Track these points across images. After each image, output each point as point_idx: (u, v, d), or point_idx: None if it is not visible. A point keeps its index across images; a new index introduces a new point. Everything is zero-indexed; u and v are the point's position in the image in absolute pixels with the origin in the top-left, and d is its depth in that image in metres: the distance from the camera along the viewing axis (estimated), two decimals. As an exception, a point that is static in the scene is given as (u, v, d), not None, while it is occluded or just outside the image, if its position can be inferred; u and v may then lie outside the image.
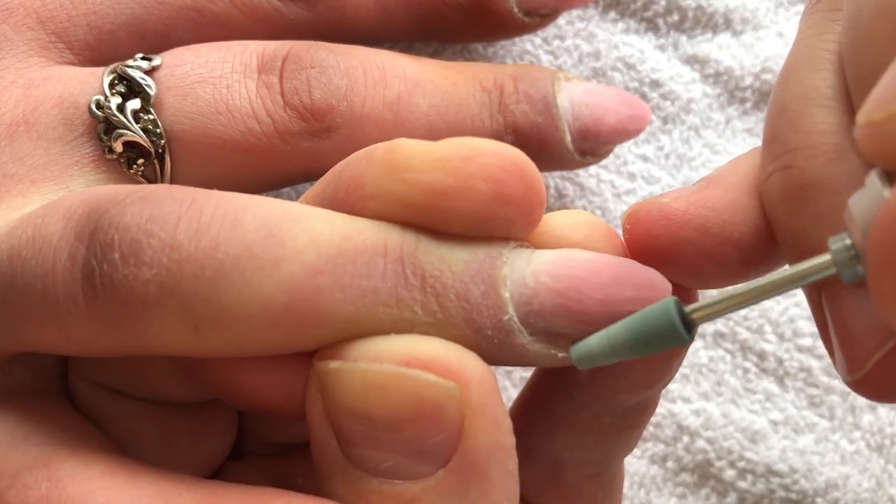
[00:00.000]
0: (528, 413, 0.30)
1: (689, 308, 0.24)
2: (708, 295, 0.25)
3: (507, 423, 0.26)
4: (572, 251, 0.26)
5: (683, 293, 0.27)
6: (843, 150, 0.25)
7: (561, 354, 0.26)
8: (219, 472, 0.32)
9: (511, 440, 0.26)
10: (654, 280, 0.26)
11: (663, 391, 0.31)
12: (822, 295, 0.26)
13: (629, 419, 0.30)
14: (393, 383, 0.24)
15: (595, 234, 0.27)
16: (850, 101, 0.25)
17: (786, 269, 0.24)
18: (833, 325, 0.26)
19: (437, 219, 0.25)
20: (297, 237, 0.25)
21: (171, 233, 0.25)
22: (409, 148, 0.25)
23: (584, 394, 0.29)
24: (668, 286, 0.26)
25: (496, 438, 0.25)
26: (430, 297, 0.25)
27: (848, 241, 0.23)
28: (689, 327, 0.24)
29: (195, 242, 0.24)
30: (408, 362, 0.24)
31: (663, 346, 0.25)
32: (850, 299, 0.25)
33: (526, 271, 0.25)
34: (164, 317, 0.25)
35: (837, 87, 0.26)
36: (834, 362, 0.26)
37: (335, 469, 0.25)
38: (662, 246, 0.27)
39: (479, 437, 0.25)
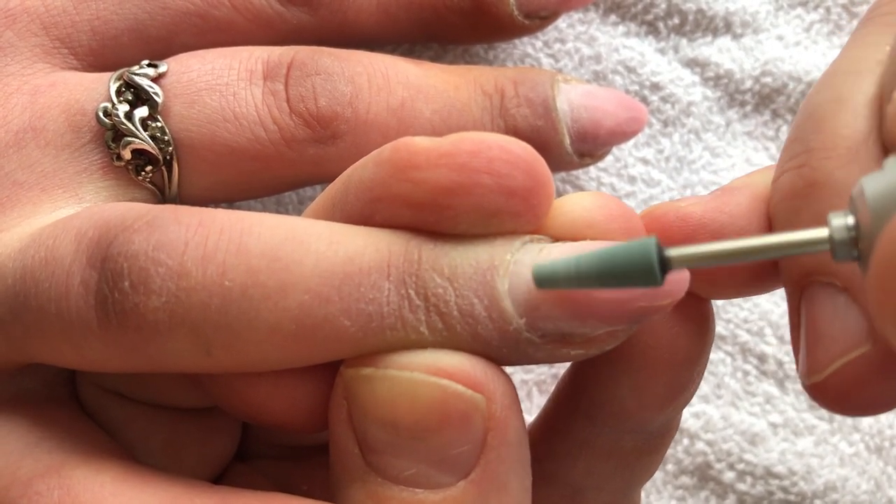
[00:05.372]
0: (547, 438, 0.30)
1: (668, 251, 0.23)
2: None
3: (526, 438, 0.26)
4: (580, 246, 0.25)
5: (695, 302, 0.27)
6: (859, 156, 0.25)
7: (574, 352, 0.26)
8: (223, 475, 0.32)
9: (528, 455, 0.26)
10: None
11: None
12: (802, 295, 0.26)
13: (651, 443, 0.30)
14: (422, 391, 0.25)
15: (612, 216, 0.26)
16: (880, 112, 0.25)
17: (779, 235, 0.23)
18: (805, 324, 0.26)
19: (444, 217, 0.25)
20: (301, 262, 0.25)
21: (179, 260, 0.25)
22: (415, 145, 0.25)
23: (605, 415, 0.29)
24: (685, 275, 0.25)
25: (516, 452, 0.25)
26: (435, 316, 0.25)
27: (850, 221, 0.23)
28: (663, 270, 0.23)
29: (202, 269, 0.25)
30: (436, 372, 0.25)
31: (632, 284, 0.24)
32: (827, 302, 0.25)
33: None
34: (176, 342, 0.25)
35: (872, 96, 0.25)
36: (797, 364, 0.26)
37: (355, 476, 0.25)
38: None
39: (501, 450, 0.25)
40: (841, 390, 0.25)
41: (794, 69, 0.39)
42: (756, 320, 0.38)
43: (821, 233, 0.23)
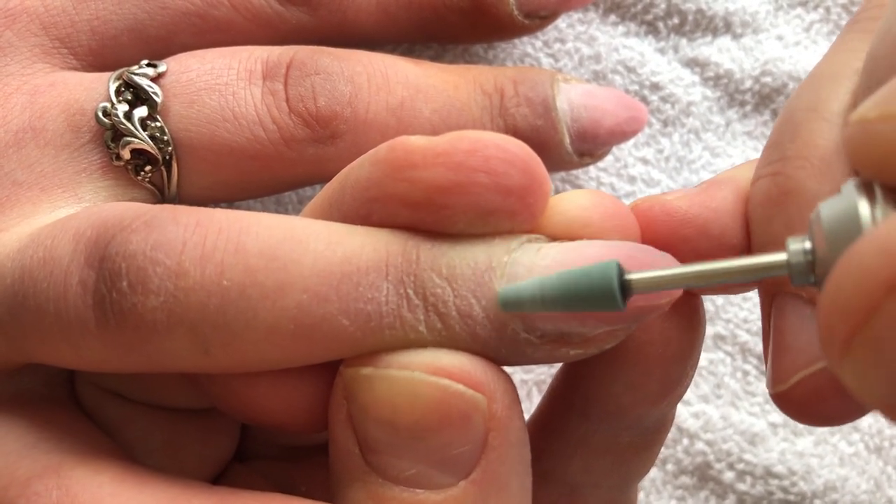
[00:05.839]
0: (543, 436, 0.30)
1: (629, 275, 0.24)
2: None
3: (527, 438, 0.26)
4: (577, 246, 0.25)
5: (685, 297, 0.27)
6: (831, 167, 0.25)
7: (573, 352, 0.26)
8: (222, 476, 0.32)
9: (529, 455, 0.26)
10: None
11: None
12: (772, 304, 0.26)
13: (646, 438, 0.30)
14: (422, 391, 0.24)
15: (608, 215, 0.26)
16: None
17: (739, 259, 0.23)
18: (773, 334, 0.26)
19: (441, 216, 0.25)
20: (299, 261, 0.25)
21: (177, 260, 0.25)
22: (411, 144, 0.25)
23: (599, 411, 0.29)
24: None
25: (517, 452, 0.25)
26: (433, 315, 0.25)
27: (807, 245, 0.23)
28: (625, 294, 0.24)
29: (200, 269, 0.25)
30: (436, 372, 0.25)
31: (594, 308, 0.24)
32: (795, 313, 0.25)
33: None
34: (174, 341, 0.25)
35: (847, 105, 0.26)
36: (766, 372, 0.27)
37: (355, 477, 0.25)
38: (661, 243, 0.26)
39: (502, 450, 0.25)
40: (802, 402, 0.25)
41: (793, 69, 0.39)
42: (756, 320, 0.38)
43: (779, 257, 0.23)
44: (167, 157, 0.31)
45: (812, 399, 0.25)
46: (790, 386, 0.25)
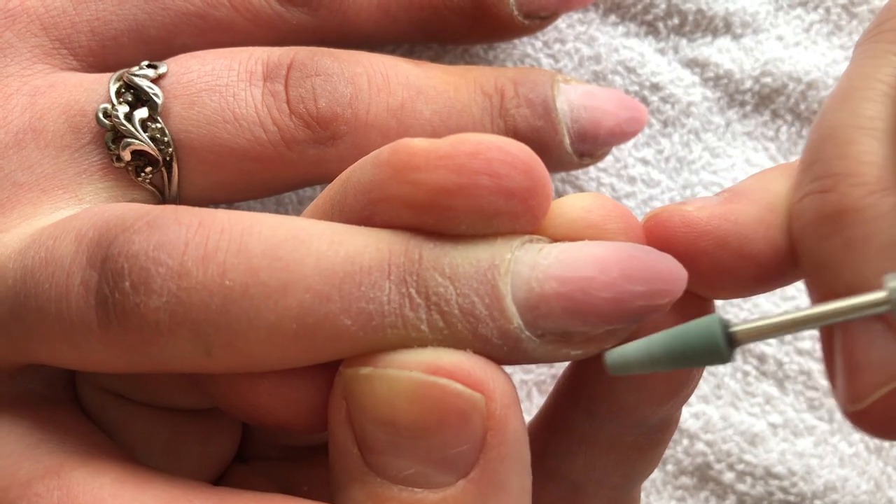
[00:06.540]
0: (546, 433, 0.30)
1: (733, 328, 0.24)
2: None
3: (526, 438, 0.26)
4: (580, 246, 0.25)
5: (696, 301, 0.27)
6: (887, 184, 0.25)
7: (574, 352, 0.26)
8: (224, 476, 0.32)
9: (528, 455, 0.26)
10: (667, 271, 0.25)
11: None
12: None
13: (651, 438, 0.30)
14: (420, 391, 0.25)
15: (609, 216, 0.26)
16: None
17: (838, 301, 0.24)
18: (842, 353, 0.26)
19: (444, 217, 0.25)
20: (302, 261, 0.25)
21: (179, 260, 0.25)
22: (414, 147, 0.25)
23: (605, 410, 0.29)
24: (683, 274, 0.26)
25: (516, 452, 0.25)
26: (436, 314, 0.25)
27: None
28: (731, 346, 0.24)
29: (203, 269, 0.25)
30: (435, 371, 0.25)
31: (703, 363, 0.25)
32: (864, 331, 0.25)
33: (531, 276, 0.25)
34: (176, 342, 0.25)
35: (889, 119, 0.25)
36: (833, 389, 0.26)
37: (355, 476, 0.25)
38: (680, 253, 0.26)
39: (501, 449, 0.25)
40: (884, 418, 0.25)
41: (793, 69, 0.39)
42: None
43: (878, 295, 0.23)
44: (168, 159, 0.31)
45: (892, 416, 0.25)
46: (868, 405, 0.25)
